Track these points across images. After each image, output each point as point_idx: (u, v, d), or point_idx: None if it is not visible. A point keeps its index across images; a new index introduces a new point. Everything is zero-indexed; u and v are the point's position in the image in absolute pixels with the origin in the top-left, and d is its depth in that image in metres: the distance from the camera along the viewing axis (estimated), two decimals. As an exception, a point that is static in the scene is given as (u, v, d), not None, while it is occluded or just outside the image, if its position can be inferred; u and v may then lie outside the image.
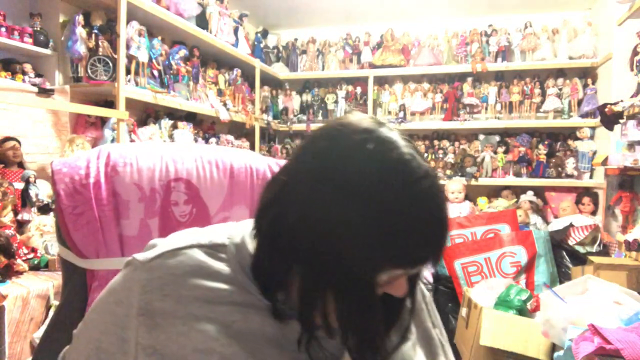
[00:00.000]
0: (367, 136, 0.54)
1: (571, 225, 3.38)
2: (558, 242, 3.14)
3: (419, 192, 0.53)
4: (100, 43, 2.52)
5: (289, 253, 0.56)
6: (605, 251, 3.17)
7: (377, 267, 0.54)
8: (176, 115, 3.26)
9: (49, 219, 2.21)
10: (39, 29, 2.44)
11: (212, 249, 0.64)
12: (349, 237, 0.52)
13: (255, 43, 4.47)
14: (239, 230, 0.66)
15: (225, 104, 3.64)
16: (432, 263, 0.56)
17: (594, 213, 3.69)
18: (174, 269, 0.61)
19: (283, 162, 1.10)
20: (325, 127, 0.59)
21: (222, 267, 0.62)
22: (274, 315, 0.60)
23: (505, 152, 4.16)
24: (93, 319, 0.66)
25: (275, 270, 0.59)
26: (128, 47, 2.58)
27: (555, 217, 3.85)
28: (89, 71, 2.49)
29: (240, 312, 0.60)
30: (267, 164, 1.06)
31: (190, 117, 3.41)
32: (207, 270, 0.61)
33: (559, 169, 4.02)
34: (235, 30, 3.86)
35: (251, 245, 0.63)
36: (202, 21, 3.35)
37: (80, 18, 2.49)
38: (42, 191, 2.31)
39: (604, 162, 3.16)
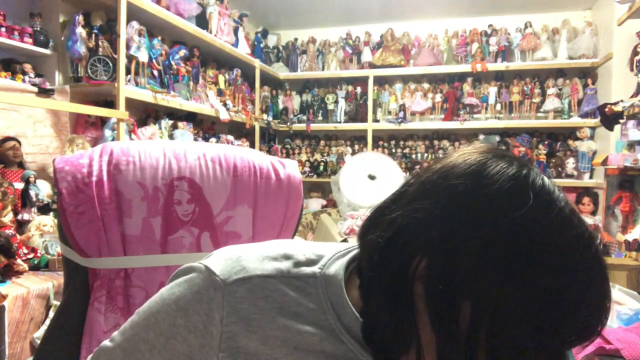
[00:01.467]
0: (520, 183, 0.46)
1: (571, 225, 3.38)
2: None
3: (589, 261, 0.45)
4: (100, 43, 2.51)
5: (416, 312, 0.47)
6: (605, 251, 3.16)
7: (533, 343, 0.44)
8: (176, 115, 3.26)
9: (49, 219, 2.21)
10: (39, 29, 2.44)
11: (302, 281, 0.54)
12: (502, 306, 0.43)
13: (255, 43, 4.47)
14: (331, 258, 0.56)
15: (225, 104, 3.63)
16: (587, 341, 0.47)
17: (594, 213, 3.69)
18: (262, 301, 0.52)
19: (286, 160, 1.10)
20: (458, 162, 0.49)
21: (310, 305, 0.53)
22: None
23: (505, 152, 4.16)
24: (150, 341, 0.55)
25: (398, 332, 0.48)
26: (128, 47, 2.58)
27: (555, 217, 3.84)
28: (89, 71, 2.48)
29: None
30: (270, 162, 1.06)
31: (190, 117, 3.40)
32: (296, 308, 0.52)
33: (559, 169, 4.02)
34: (235, 30, 3.86)
35: (344, 277, 0.54)
36: (202, 21, 3.35)
37: (80, 18, 2.48)
38: (42, 191, 2.31)
39: (604, 162, 3.16)
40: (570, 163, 3.97)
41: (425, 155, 4.39)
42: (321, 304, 0.53)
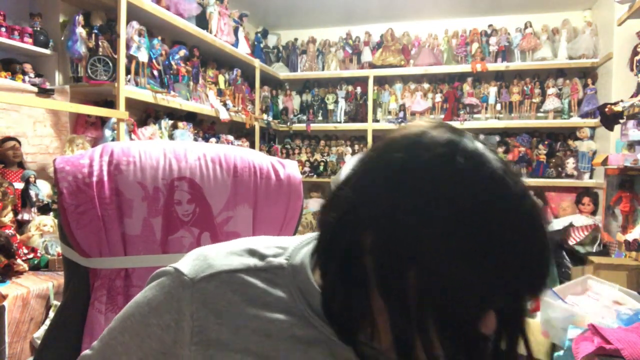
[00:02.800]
0: (451, 149, 0.47)
1: (571, 225, 3.38)
2: (558, 242, 3.14)
3: (521, 216, 0.46)
4: (100, 43, 2.51)
5: (368, 285, 0.49)
6: (605, 251, 3.17)
7: (478, 302, 0.46)
8: (176, 115, 3.26)
9: (49, 219, 2.21)
10: (39, 29, 2.44)
11: (270, 272, 0.56)
12: (444, 269, 0.45)
13: (255, 43, 4.47)
14: (295, 248, 0.59)
15: (225, 104, 3.64)
16: (535, 295, 0.49)
17: (594, 213, 3.69)
18: (230, 294, 0.54)
19: (286, 161, 1.10)
20: (397, 136, 0.51)
21: (280, 294, 0.55)
22: (359, 358, 0.52)
23: (505, 152, 4.16)
24: (126, 342, 0.58)
25: (353, 306, 0.51)
26: (128, 47, 2.58)
27: (555, 217, 3.85)
28: (89, 71, 2.48)
29: (301, 349, 0.53)
30: (270, 163, 1.06)
31: (190, 117, 3.40)
32: (265, 298, 0.54)
33: (559, 169, 4.02)
34: (235, 30, 3.86)
35: (310, 264, 0.56)
36: (202, 21, 3.35)
37: (80, 18, 2.48)
38: (42, 191, 2.31)
39: (604, 162, 3.16)
40: (570, 163, 3.97)
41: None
42: (290, 293, 0.55)
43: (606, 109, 2.96)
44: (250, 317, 0.53)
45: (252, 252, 0.58)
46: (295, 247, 0.59)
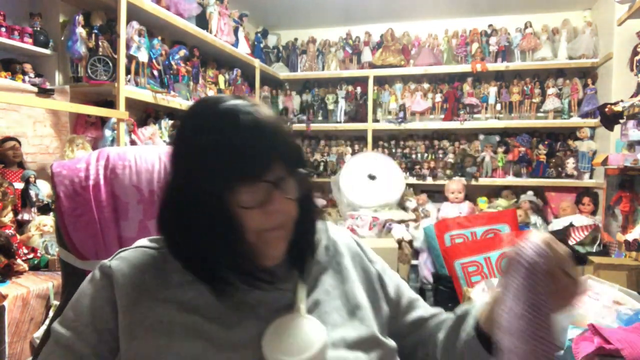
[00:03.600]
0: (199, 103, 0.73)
1: (571, 225, 3.38)
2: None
3: (221, 115, 0.66)
4: (100, 43, 2.52)
5: (176, 216, 0.70)
6: (605, 251, 3.16)
7: (220, 186, 0.65)
8: (176, 115, 3.26)
9: (49, 219, 2.21)
10: (39, 29, 2.44)
11: (166, 249, 0.74)
12: (193, 172, 0.67)
13: (255, 43, 4.47)
14: None
15: (225, 104, 3.63)
16: (259, 170, 0.66)
17: (594, 213, 3.69)
18: (133, 260, 0.73)
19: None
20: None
21: (174, 261, 0.72)
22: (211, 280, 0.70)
23: (505, 152, 4.16)
24: (71, 317, 0.72)
25: (182, 240, 0.71)
26: (128, 47, 2.58)
27: (555, 217, 3.85)
28: (89, 71, 2.49)
29: (193, 288, 0.70)
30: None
31: (190, 117, 3.40)
32: (162, 265, 0.73)
33: (559, 169, 4.02)
34: (235, 30, 3.86)
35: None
36: (202, 21, 3.35)
37: (80, 18, 2.48)
38: (42, 191, 2.32)
39: (604, 162, 3.16)
40: (570, 163, 3.97)
41: (425, 155, 4.39)
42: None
43: (606, 109, 2.96)
44: (150, 276, 0.71)
45: (152, 240, 0.78)
46: None
